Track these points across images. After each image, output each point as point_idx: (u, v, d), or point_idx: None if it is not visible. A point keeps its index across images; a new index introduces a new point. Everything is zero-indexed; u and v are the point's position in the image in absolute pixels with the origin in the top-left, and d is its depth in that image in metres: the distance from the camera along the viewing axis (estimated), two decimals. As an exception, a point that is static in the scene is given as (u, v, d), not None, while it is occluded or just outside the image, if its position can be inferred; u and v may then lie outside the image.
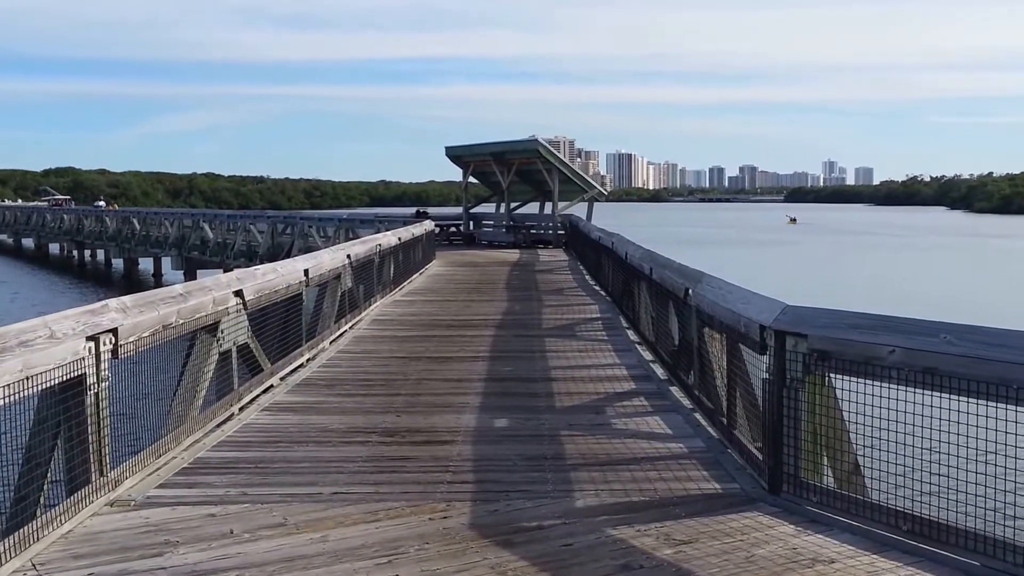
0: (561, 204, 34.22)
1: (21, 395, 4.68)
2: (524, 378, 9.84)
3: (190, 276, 45.57)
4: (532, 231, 35.21)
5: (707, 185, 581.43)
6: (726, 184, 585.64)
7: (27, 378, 4.70)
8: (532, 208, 37.69)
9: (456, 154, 37.68)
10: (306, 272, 10.52)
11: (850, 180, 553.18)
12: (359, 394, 8.92)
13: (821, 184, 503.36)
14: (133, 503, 5.47)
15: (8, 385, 4.50)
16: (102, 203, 73.18)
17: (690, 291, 8.24)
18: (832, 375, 5.37)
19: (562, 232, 33.60)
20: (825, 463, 5.59)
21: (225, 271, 43.03)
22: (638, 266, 12.36)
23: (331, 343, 11.68)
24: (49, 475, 5.18)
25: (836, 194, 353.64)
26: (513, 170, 34.71)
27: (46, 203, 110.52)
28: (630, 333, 12.97)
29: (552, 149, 34.98)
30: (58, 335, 5.04)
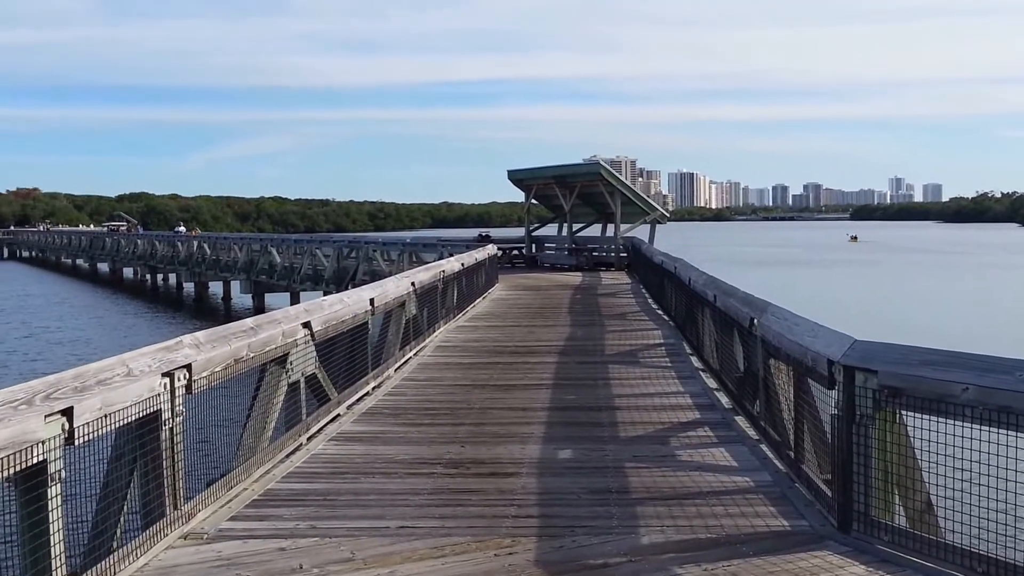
0: (623, 226, 34.11)
1: (100, 432, 4.83)
2: (587, 407, 9.84)
3: (258, 300, 46.45)
4: (594, 253, 35.16)
5: (770, 203, 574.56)
6: (790, 202, 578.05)
7: (105, 415, 4.85)
8: (594, 230, 37.66)
9: (518, 177, 37.85)
10: (372, 301, 10.67)
11: (918, 197, 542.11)
12: (424, 423, 8.99)
13: (888, 201, 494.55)
14: (206, 536, 5.59)
15: (88, 423, 4.65)
16: (182, 228, 74.75)
17: (755, 321, 8.17)
18: (903, 412, 5.29)
19: (624, 254, 33.47)
20: (897, 501, 5.49)
21: (292, 295, 43.96)
22: (701, 292, 12.28)
23: (396, 370, 11.80)
24: (125, 509, 5.32)
25: (903, 211, 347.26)
26: (575, 193, 34.75)
27: (104, 228, 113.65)
28: (694, 360, 12.88)
29: (614, 172, 34.95)
30: (135, 373, 5.19)
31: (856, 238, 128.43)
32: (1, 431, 3.96)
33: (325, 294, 38.94)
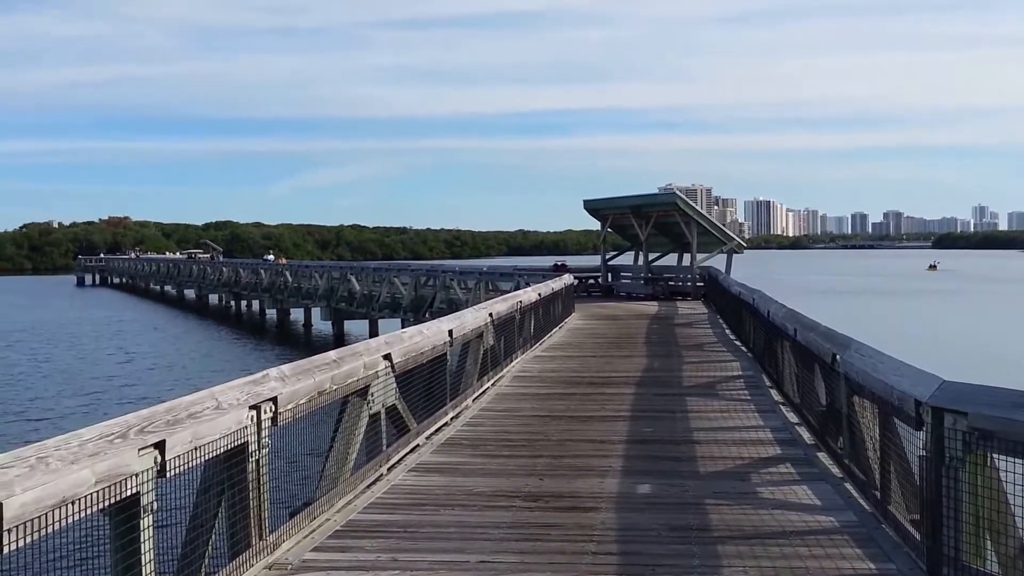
0: (700, 256, 33.88)
1: (190, 464, 4.97)
2: (666, 440, 9.76)
3: (338, 327, 47.21)
4: (670, 283, 34.97)
5: (849, 231, 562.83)
6: (869, 230, 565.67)
7: (196, 448, 4.99)
8: (670, 260, 37.44)
9: (595, 207, 37.90)
10: (450, 333, 10.77)
11: (1003, 226, 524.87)
12: (502, 455, 9.02)
13: (972, 230, 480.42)
14: (290, 567, 5.69)
15: (179, 456, 4.79)
16: (271, 257, 76.34)
17: (838, 357, 8.03)
18: (995, 455, 5.14)
19: (701, 284, 33.23)
20: (988, 546, 5.32)
21: (371, 322, 44.43)
22: (781, 325, 12.11)
23: (474, 400, 11.87)
24: (212, 539, 5.44)
25: (987, 240, 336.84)
26: (651, 222, 34.65)
27: (184, 256, 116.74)
28: (773, 393, 12.69)
29: (690, 202, 34.78)
30: (224, 406, 5.33)
31: (935, 267, 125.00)
32: (97, 464, 4.10)
33: (403, 322, 39.44)
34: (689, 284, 34.05)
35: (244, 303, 67.39)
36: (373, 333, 44.41)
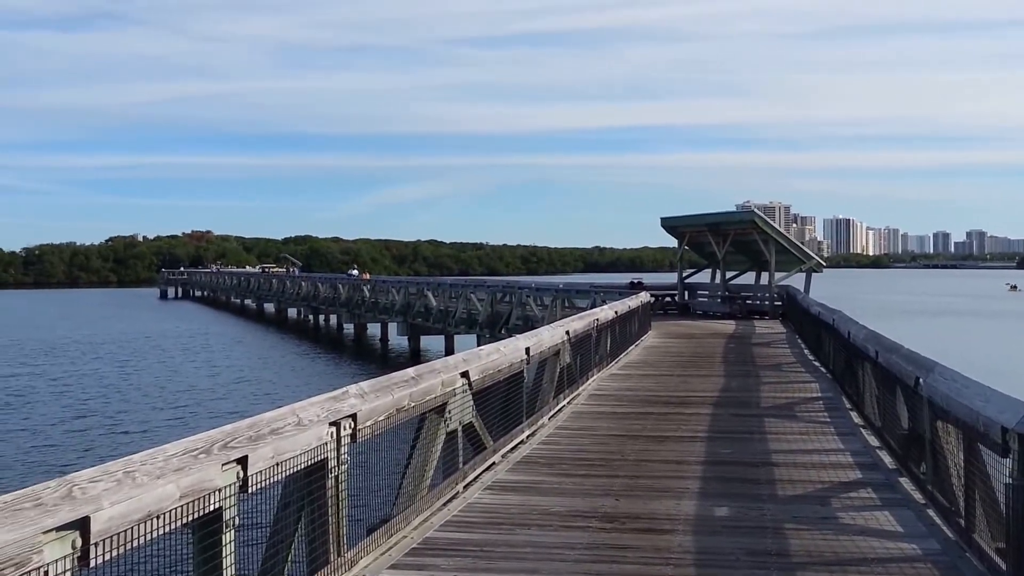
0: (778, 275, 33.39)
1: (271, 480, 5.05)
2: (744, 462, 9.61)
3: (414, 342, 47.61)
4: (748, 302, 34.51)
5: (931, 251, 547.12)
6: (952, 250, 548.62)
7: (277, 464, 5.07)
8: (747, 278, 36.96)
9: (672, 225, 37.64)
10: (527, 350, 10.78)
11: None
12: (578, 474, 8.98)
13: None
14: (367, 583, 5.74)
15: (260, 471, 4.88)
16: (355, 272, 77.33)
17: (921, 381, 7.82)
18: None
19: (779, 303, 32.75)
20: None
21: (446, 337, 44.73)
22: (862, 347, 11.85)
23: (550, 419, 11.85)
24: (291, 555, 5.51)
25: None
26: (729, 240, 34.26)
27: (260, 270, 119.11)
28: (853, 415, 12.41)
29: (769, 220, 34.34)
30: (305, 422, 5.41)
31: (1016, 287, 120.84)
32: (182, 479, 4.19)
33: (479, 338, 39.60)
34: (767, 303, 33.57)
35: (322, 317, 68.43)
36: (449, 349, 44.67)
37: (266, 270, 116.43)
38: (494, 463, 9.21)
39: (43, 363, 43.94)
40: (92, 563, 3.50)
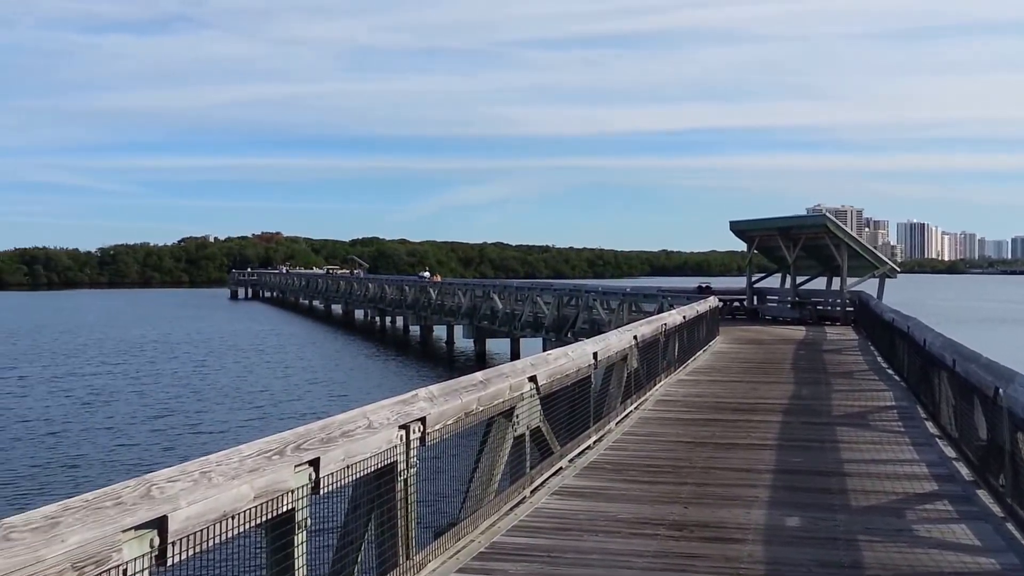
0: (850, 280, 32.75)
1: (341, 482, 5.09)
2: (815, 471, 9.44)
3: (480, 345, 47.77)
4: (818, 307, 33.92)
5: (1009, 256, 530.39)
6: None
7: (348, 466, 5.11)
8: (818, 283, 36.32)
9: (741, 228, 37.18)
10: (595, 355, 10.73)
11: None
12: (645, 481, 8.90)
13: None
14: (435, 587, 5.75)
15: (332, 473, 4.92)
16: (426, 273, 77.82)
17: (1001, 391, 7.59)
18: None
19: (851, 309, 32.13)
20: None
21: (512, 341, 44.78)
22: (938, 355, 11.56)
23: (617, 424, 11.78)
24: (360, 558, 5.55)
25: None
26: (800, 245, 33.72)
27: (324, 271, 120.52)
28: (929, 425, 12.11)
29: (841, 224, 33.68)
30: (375, 425, 5.45)
31: None
32: (256, 480, 4.24)
33: (544, 341, 39.58)
34: (838, 309, 32.97)
35: (388, 319, 69.03)
36: (514, 352, 44.72)
37: (330, 272, 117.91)
38: (561, 468, 9.18)
39: (122, 362, 45.06)
40: (169, 562, 3.56)
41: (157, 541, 3.49)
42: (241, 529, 4.10)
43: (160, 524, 3.50)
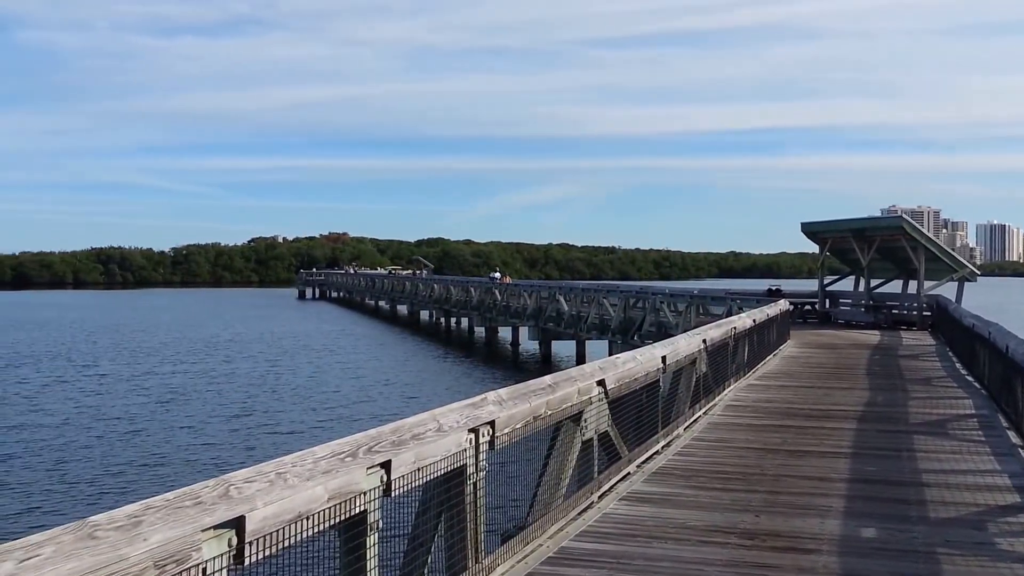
0: (927, 283, 31.94)
1: (412, 485, 5.10)
2: (891, 481, 9.22)
3: (545, 347, 47.72)
4: (894, 311, 33.17)
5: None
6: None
7: (418, 468, 5.13)
8: (893, 286, 35.52)
9: (813, 230, 36.54)
10: (663, 359, 10.62)
11: None
12: (715, 488, 8.78)
13: None
14: (504, 590, 5.74)
15: (403, 476, 4.93)
16: (497, 275, 77.76)
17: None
18: None
19: (927, 314, 31.38)
20: None
21: (578, 343, 44.63)
22: (1021, 362, 11.21)
23: (685, 429, 11.65)
24: (429, 560, 5.56)
25: None
26: (874, 247, 32.99)
27: (387, 271, 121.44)
28: (1011, 435, 11.74)
29: (918, 226, 32.85)
30: (445, 428, 5.46)
31: None
32: (330, 481, 4.27)
33: (610, 344, 39.39)
34: (915, 313, 32.21)
35: (453, 320, 69.31)
36: (580, 354, 44.59)
37: (392, 272, 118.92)
38: (629, 473, 9.11)
39: (198, 361, 46.01)
40: (246, 562, 3.60)
41: (235, 541, 3.53)
42: (315, 530, 4.13)
43: (238, 524, 3.54)
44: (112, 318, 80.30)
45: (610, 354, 30.74)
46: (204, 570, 3.33)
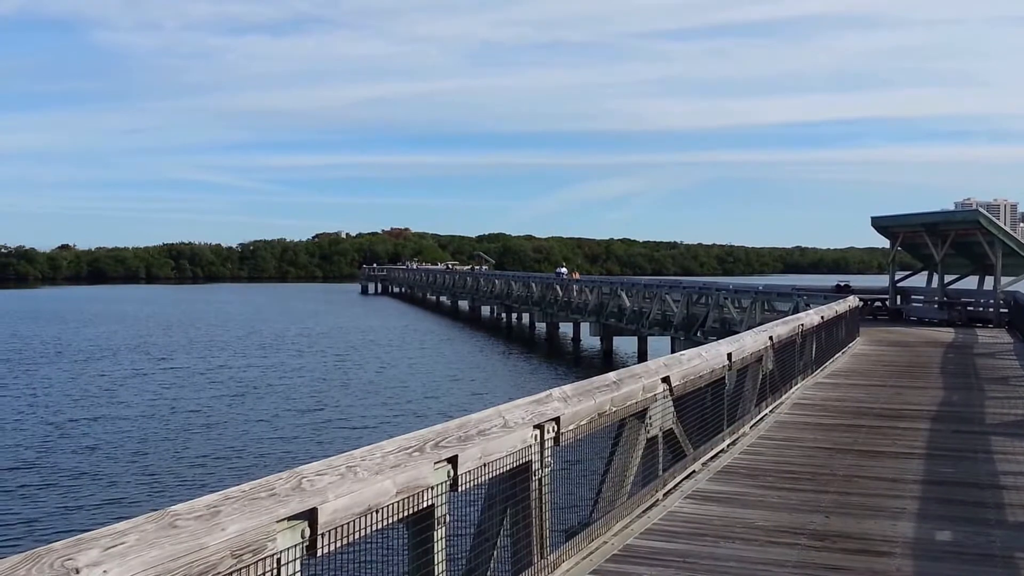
0: (1005, 279, 31.04)
1: (477, 480, 5.12)
2: (968, 483, 8.97)
3: (606, 343, 47.52)
4: (968, 308, 32.32)
5: None
6: None
7: (484, 464, 5.14)
8: (968, 282, 34.60)
9: (884, 225, 35.77)
10: (729, 356, 10.50)
11: None
12: (783, 487, 8.65)
13: None
14: (570, 587, 5.72)
15: (469, 471, 4.95)
16: (564, 270, 77.36)
17: None
18: None
19: (1005, 311, 30.51)
20: None
21: (639, 339, 44.31)
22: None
23: (751, 427, 11.50)
24: (495, 555, 5.57)
25: None
26: (948, 242, 32.17)
27: (444, 267, 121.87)
28: (1096, 437, 11.37)
29: (995, 220, 31.91)
30: (510, 424, 5.46)
31: None
32: (398, 475, 4.30)
33: (673, 340, 39.07)
34: (991, 310, 31.36)
35: (514, 316, 69.35)
36: (642, 350, 44.30)
37: (449, 267, 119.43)
38: (694, 471, 9.03)
39: (269, 355, 46.74)
40: (319, 553, 3.64)
41: (308, 532, 3.58)
42: (384, 523, 4.17)
43: (311, 516, 3.59)
44: (185, 312, 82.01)
45: (672, 351, 30.49)
46: (279, 560, 3.38)
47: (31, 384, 35.61)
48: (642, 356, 41.63)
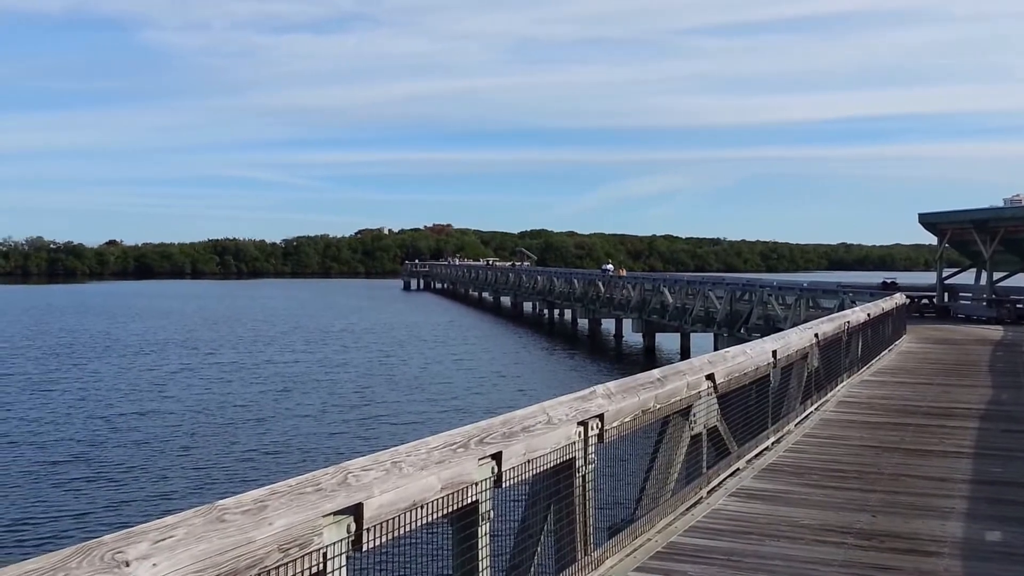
0: (1056, 277, 30.50)
1: (521, 476, 5.12)
2: (1018, 483, 8.83)
3: (649, 339, 47.29)
4: (1018, 306, 31.74)
5: None
6: None
7: (528, 460, 5.14)
8: (1018, 280, 33.98)
9: (931, 221, 35.25)
10: (774, 353, 10.41)
11: None
12: (829, 486, 8.57)
13: None
14: (613, 584, 5.71)
15: (513, 467, 4.95)
16: (610, 266, 77.24)
17: None
18: None
19: (1056, 307, 29.93)
20: None
21: (682, 336, 44.04)
22: None
23: (796, 425, 11.40)
24: (539, 551, 5.58)
25: None
26: (998, 239, 31.64)
27: (484, 263, 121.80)
28: None
29: (1045, 217, 31.36)
30: (554, 421, 5.46)
31: None
32: (443, 471, 4.32)
33: (716, 337, 38.80)
34: (1041, 307, 30.80)
35: (557, 312, 69.28)
36: (684, 347, 44.03)
37: (489, 263, 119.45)
38: (738, 469, 8.97)
39: (315, 351, 47.10)
40: (364, 547, 3.67)
41: (354, 527, 3.61)
42: (429, 519, 4.19)
43: (356, 511, 3.61)
44: (230, 307, 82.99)
45: (715, 348, 30.28)
46: (325, 555, 3.41)
47: (81, 378, 36.24)
48: (685, 353, 41.34)
